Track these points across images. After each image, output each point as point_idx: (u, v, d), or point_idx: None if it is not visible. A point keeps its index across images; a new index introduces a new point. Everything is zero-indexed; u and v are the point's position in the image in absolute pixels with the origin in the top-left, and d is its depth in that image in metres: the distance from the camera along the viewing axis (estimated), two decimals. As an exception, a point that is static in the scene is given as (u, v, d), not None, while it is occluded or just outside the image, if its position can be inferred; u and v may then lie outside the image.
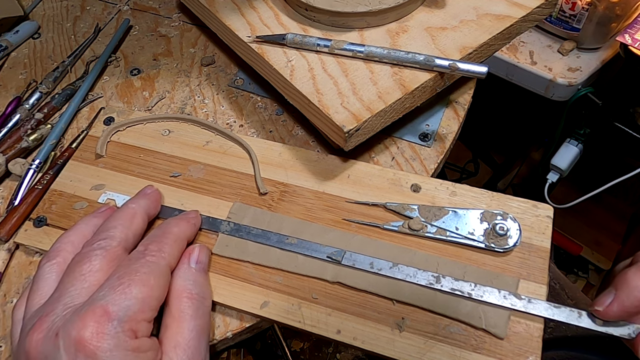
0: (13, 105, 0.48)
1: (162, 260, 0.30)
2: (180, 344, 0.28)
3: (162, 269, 0.30)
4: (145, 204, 0.35)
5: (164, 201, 0.38)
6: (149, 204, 0.35)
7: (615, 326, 0.30)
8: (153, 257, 0.30)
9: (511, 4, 0.41)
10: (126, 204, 0.34)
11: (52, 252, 0.32)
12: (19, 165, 0.42)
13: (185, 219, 0.35)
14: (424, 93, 0.38)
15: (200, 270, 0.32)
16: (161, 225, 0.33)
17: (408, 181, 0.38)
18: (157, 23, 0.55)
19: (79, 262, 0.29)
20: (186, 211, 0.37)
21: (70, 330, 0.25)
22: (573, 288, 0.51)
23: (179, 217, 0.35)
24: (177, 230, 0.33)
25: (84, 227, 0.33)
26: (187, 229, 0.34)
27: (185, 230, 0.34)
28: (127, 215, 0.33)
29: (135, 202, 0.35)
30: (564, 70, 0.78)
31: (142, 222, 0.33)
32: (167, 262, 0.30)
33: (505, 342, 0.30)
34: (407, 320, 0.32)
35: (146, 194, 0.36)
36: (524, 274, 0.33)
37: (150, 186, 0.37)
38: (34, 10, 0.58)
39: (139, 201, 0.35)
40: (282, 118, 0.45)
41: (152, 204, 0.35)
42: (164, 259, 0.30)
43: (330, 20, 0.42)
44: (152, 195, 0.36)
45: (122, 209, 0.34)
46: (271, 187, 0.38)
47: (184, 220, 0.34)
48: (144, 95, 0.48)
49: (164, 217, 0.37)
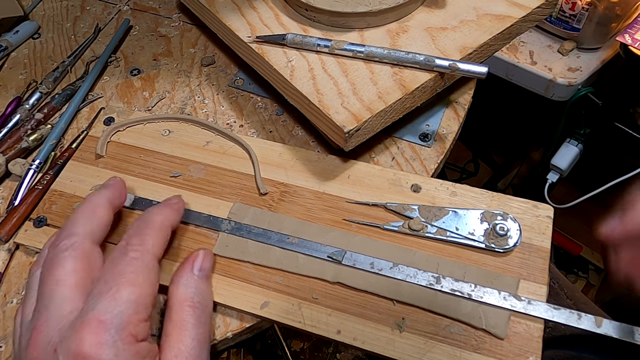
0: (13, 105, 0.48)
1: (146, 255, 0.29)
2: (182, 352, 0.27)
3: (148, 263, 0.29)
4: (108, 193, 0.33)
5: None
6: (113, 194, 0.33)
7: (615, 328, 0.30)
8: (136, 253, 0.29)
9: (511, 4, 0.41)
10: (88, 197, 0.33)
11: (39, 258, 0.31)
12: (19, 166, 0.42)
13: (167, 205, 0.33)
14: (424, 93, 0.38)
15: (203, 278, 0.32)
16: (143, 215, 0.32)
17: (408, 181, 0.38)
18: (157, 23, 0.55)
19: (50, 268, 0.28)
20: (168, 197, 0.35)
21: (69, 345, 0.25)
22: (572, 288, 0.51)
23: (161, 204, 0.34)
24: (160, 219, 0.32)
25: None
26: (170, 215, 0.33)
27: (168, 216, 0.32)
28: (88, 208, 0.31)
29: (97, 193, 0.33)
30: (564, 70, 0.78)
31: (105, 213, 0.32)
32: (153, 254, 0.29)
33: (506, 342, 0.30)
34: (407, 321, 0.32)
35: (108, 185, 0.34)
36: (524, 274, 0.33)
37: (113, 177, 0.36)
38: (34, 10, 0.58)
39: (101, 192, 0.33)
40: (282, 118, 0.45)
41: (115, 192, 0.34)
42: (148, 253, 0.29)
43: (330, 21, 0.42)
44: (114, 185, 0.34)
45: (83, 202, 0.32)
46: (271, 187, 0.38)
47: (167, 207, 0.33)
48: (144, 95, 0.48)
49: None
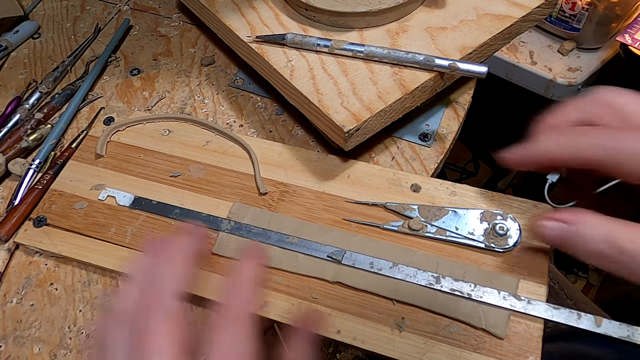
0: (13, 105, 0.48)
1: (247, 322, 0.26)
2: None
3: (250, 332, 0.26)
4: (196, 244, 0.30)
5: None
6: (199, 244, 0.31)
7: (614, 327, 0.30)
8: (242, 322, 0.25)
9: (511, 4, 0.41)
10: (172, 245, 0.29)
11: (118, 314, 0.27)
12: (19, 165, 0.42)
13: (253, 256, 0.30)
14: (424, 93, 0.38)
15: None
16: (235, 273, 0.29)
17: (408, 181, 0.38)
18: (157, 23, 0.55)
19: (143, 334, 0.25)
20: (248, 247, 0.32)
21: None
22: (572, 288, 0.51)
23: (248, 256, 0.30)
24: (251, 275, 0.28)
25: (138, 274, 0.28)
26: (258, 267, 0.29)
27: (257, 269, 0.29)
28: (176, 261, 0.28)
29: (183, 243, 0.30)
30: (564, 70, 0.78)
31: (193, 266, 0.29)
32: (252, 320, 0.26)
33: (505, 342, 0.30)
34: (407, 320, 0.32)
35: (193, 233, 0.31)
36: (524, 274, 0.33)
37: (197, 225, 0.32)
38: (34, 10, 0.58)
39: (187, 241, 0.30)
40: (282, 118, 0.45)
41: (201, 244, 0.31)
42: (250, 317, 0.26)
43: (330, 20, 0.42)
44: (199, 235, 0.31)
45: (168, 250, 0.29)
46: (271, 187, 0.38)
47: (253, 258, 0.30)
48: (144, 95, 0.48)
49: (163, 215, 0.37)
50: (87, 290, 0.36)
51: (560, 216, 0.30)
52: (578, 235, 0.29)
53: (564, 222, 0.30)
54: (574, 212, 0.30)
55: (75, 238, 0.37)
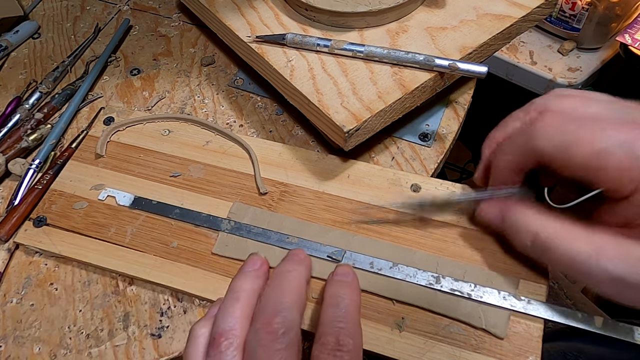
0: (13, 105, 0.48)
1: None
2: None
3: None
4: (307, 272, 0.30)
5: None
6: (309, 271, 0.30)
7: (614, 327, 0.30)
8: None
9: (511, 4, 0.41)
10: (288, 273, 0.28)
11: (218, 336, 0.26)
12: (18, 165, 0.42)
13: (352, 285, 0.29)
14: (424, 93, 0.38)
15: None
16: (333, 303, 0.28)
17: (408, 181, 0.38)
18: (157, 23, 0.55)
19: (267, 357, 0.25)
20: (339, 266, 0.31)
21: None
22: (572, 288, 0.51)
23: (348, 284, 0.29)
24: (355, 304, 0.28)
25: (244, 296, 0.28)
26: (358, 294, 0.29)
27: (359, 297, 0.29)
28: (295, 287, 0.27)
29: (297, 270, 0.29)
30: (564, 70, 0.78)
31: (307, 295, 0.29)
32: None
33: (505, 342, 0.30)
34: (407, 320, 0.32)
35: (301, 261, 0.30)
36: (524, 274, 0.33)
37: (300, 250, 0.32)
38: (34, 10, 0.58)
39: (300, 269, 0.29)
40: (282, 118, 0.45)
41: (309, 270, 0.31)
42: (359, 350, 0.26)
43: (330, 20, 0.42)
44: (307, 262, 0.31)
45: (283, 277, 0.28)
46: (271, 187, 0.38)
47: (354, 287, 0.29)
48: (144, 95, 0.48)
49: (163, 215, 0.37)
50: (87, 290, 0.36)
51: (499, 204, 0.31)
52: (505, 225, 0.30)
53: (501, 210, 0.31)
54: (511, 203, 0.30)
55: (75, 238, 0.37)
